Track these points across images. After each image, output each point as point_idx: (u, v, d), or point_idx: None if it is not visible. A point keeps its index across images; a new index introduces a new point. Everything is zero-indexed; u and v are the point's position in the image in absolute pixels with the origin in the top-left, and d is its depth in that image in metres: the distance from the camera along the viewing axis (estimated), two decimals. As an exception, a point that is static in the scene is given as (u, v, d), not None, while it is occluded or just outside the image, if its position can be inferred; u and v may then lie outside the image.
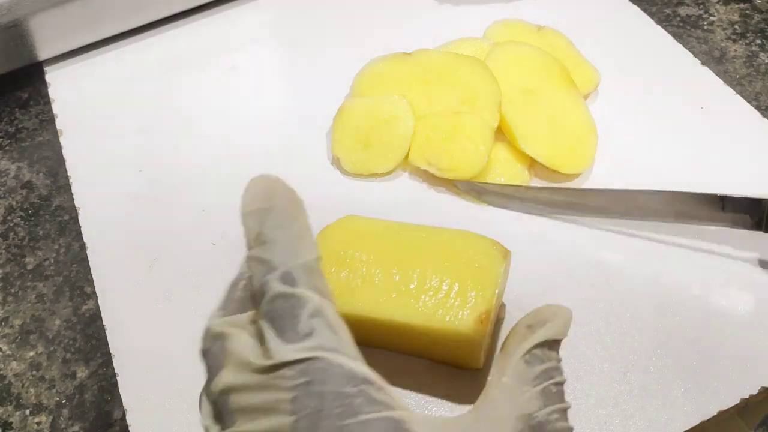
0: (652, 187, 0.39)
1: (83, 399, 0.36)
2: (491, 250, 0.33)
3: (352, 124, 0.44)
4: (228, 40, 0.53)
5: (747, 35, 0.54)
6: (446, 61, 0.46)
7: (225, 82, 0.50)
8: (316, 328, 0.25)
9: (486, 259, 0.33)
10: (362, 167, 0.44)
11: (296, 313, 0.25)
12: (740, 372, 0.35)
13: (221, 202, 0.43)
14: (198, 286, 0.39)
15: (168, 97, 0.49)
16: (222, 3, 0.56)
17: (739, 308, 0.37)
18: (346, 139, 0.44)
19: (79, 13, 0.49)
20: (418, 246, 0.34)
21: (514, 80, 0.45)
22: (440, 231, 0.34)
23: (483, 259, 0.33)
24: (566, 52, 0.48)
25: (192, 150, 0.46)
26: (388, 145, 0.44)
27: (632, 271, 0.39)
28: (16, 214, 0.44)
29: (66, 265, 0.41)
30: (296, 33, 0.54)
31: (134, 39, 0.53)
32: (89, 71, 0.52)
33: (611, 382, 0.34)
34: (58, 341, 0.38)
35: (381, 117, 0.44)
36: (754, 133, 0.45)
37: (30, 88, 0.52)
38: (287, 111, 0.48)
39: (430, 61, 0.46)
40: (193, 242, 0.41)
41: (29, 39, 0.48)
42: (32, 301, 0.40)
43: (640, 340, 0.36)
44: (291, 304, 0.25)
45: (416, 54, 0.47)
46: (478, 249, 0.33)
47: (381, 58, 0.47)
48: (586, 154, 0.44)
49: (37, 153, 0.48)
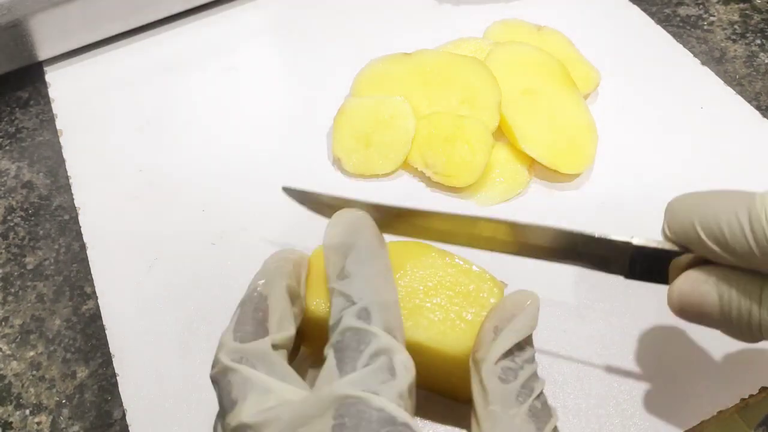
0: (650, 188, 0.39)
1: (83, 399, 0.36)
2: (491, 287, 0.31)
3: (353, 125, 0.44)
4: (228, 40, 0.53)
5: (747, 35, 0.54)
6: (446, 62, 0.46)
7: (225, 82, 0.50)
8: (374, 366, 0.24)
9: (485, 293, 0.31)
10: (363, 168, 0.44)
11: (361, 348, 0.25)
12: (740, 372, 0.35)
13: (221, 202, 0.43)
14: (198, 286, 0.39)
15: (168, 97, 0.49)
16: (222, 3, 0.56)
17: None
18: (347, 139, 0.44)
19: (79, 13, 0.49)
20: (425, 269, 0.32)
21: (514, 80, 0.45)
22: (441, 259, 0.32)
23: (482, 292, 0.31)
24: (566, 52, 0.48)
25: (192, 150, 0.46)
26: (389, 145, 0.44)
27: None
28: (16, 214, 0.44)
29: (66, 265, 0.41)
30: (296, 33, 0.54)
31: (134, 39, 0.53)
32: (89, 71, 0.52)
33: (611, 382, 0.34)
34: (58, 341, 0.38)
35: (382, 117, 0.44)
36: (754, 133, 0.45)
37: (30, 88, 0.52)
38: (287, 111, 0.49)
39: (430, 61, 0.46)
40: (193, 242, 0.41)
41: (29, 39, 0.48)
42: (32, 301, 0.40)
43: (640, 340, 0.36)
44: (358, 339, 0.25)
45: (416, 54, 0.47)
46: (478, 284, 0.31)
47: (381, 58, 0.47)
48: (586, 153, 0.44)
49: (37, 153, 0.48)
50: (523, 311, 0.27)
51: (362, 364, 0.24)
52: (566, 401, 0.34)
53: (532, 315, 0.27)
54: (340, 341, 0.25)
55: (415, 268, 0.32)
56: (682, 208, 0.29)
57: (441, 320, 0.30)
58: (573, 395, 0.34)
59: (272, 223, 0.41)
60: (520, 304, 0.27)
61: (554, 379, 0.34)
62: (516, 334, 0.26)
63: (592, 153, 0.44)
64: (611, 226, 0.40)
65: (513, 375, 0.26)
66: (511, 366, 0.26)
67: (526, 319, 0.27)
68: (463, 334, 0.30)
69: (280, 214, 0.42)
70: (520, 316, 0.27)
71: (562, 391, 0.34)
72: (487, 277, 0.31)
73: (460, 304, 0.31)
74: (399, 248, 0.33)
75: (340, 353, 0.25)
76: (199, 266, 0.40)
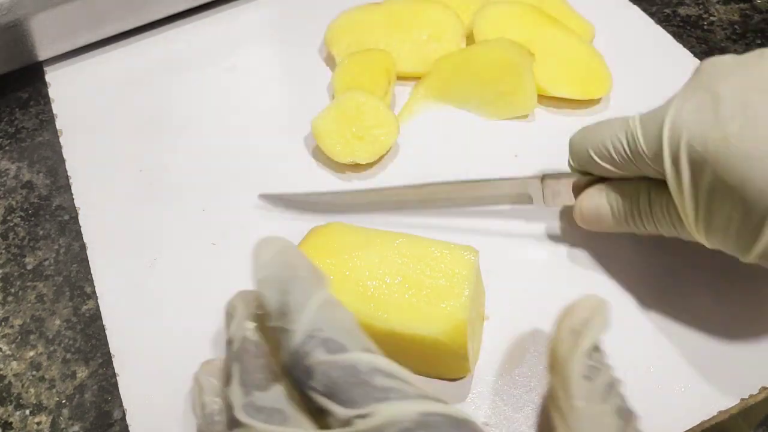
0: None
1: (83, 399, 0.36)
2: (462, 255, 0.33)
3: (337, 118, 0.44)
4: (228, 40, 0.53)
5: (747, 35, 0.54)
6: (412, 7, 0.50)
7: (225, 82, 0.50)
8: (389, 385, 0.23)
9: (458, 265, 0.32)
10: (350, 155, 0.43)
11: (362, 379, 0.23)
12: (740, 372, 0.35)
13: (221, 202, 0.43)
14: (198, 286, 0.39)
15: (168, 97, 0.49)
16: (222, 3, 0.56)
17: (740, 308, 0.37)
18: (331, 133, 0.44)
19: (79, 13, 0.49)
20: (395, 254, 0.33)
21: (512, 32, 0.47)
22: (416, 239, 0.34)
23: (455, 266, 0.32)
24: (558, 9, 0.51)
25: (192, 150, 0.46)
26: (374, 135, 0.44)
27: (632, 270, 0.39)
28: (16, 214, 0.44)
29: (66, 265, 0.41)
30: (296, 33, 0.54)
31: (134, 39, 0.53)
32: (89, 71, 0.52)
33: (611, 382, 0.34)
34: (58, 341, 0.38)
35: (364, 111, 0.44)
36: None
37: (30, 88, 0.52)
38: (287, 111, 0.48)
39: (398, 8, 0.50)
40: (193, 242, 0.41)
41: (29, 39, 0.48)
42: (32, 301, 0.40)
43: (640, 340, 0.36)
44: (350, 372, 0.23)
45: (385, 3, 0.51)
46: (451, 256, 0.33)
47: (352, 8, 0.51)
48: (602, 78, 0.47)
49: (37, 153, 0.48)
50: (599, 314, 0.29)
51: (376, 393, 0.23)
52: (566, 401, 0.34)
53: (606, 317, 0.29)
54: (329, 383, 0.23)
55: (374, 256, 0.33)
56: (578, 139, 0.37)
57: (419, 302, 0.32)
58: (573, 395, 0.34)
59: (272, 223, 0.41)
60: (591, 307, 0.29)
61: (554, 379, 0.34)
62: (596, 334, 0.28)
63: (608, 78, 0.47)
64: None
65: (596, 373, 0.27)
66: (594, 365, 0.27)
67: (603, 322, 0.28)
68: (443, 310, 0.31)
69: (280, 214, 0.42)
70: (596, 319, 0.28)
71: (562, 391, 0.34)
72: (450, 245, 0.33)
73: (432, 276, 0.32)
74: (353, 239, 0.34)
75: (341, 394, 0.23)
76: (199, 266, 0.40)
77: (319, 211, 0.42)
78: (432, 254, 0.33)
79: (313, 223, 0.37)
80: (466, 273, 0.32)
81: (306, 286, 0.25)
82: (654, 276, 0.38)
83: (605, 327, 0.29)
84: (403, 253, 0.33)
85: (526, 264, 0.39)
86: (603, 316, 0.29)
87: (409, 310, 0.32)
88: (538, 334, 0.36)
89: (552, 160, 0.40)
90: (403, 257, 0.33)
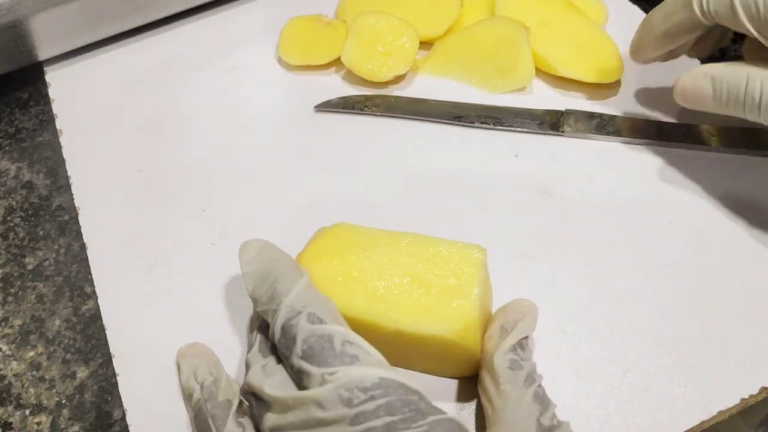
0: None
1: (83, 399, 0.36)
2: (471, 254, 0.33)
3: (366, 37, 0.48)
4: (228, 40, 0.53)
5: (747, 35, 0.53)
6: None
7: (225, 82, 0.50)
8: (357, 353, 0.28)
9: (467, 264, 0.32)
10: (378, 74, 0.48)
11: (335, 346, 0.28)
12: (740, 372, 0.35)
13: (221, 202, 0.43)
14: (198, 286, 0.39)
15: (168, 97, 0.49)
16: (222, 3, 0.56)
17: (740, 308, 0.37)
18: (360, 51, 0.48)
19: (79, 13, 0.49)
20: (403, 254, 0.33)
21: (528, 16, 0.49)
22: (423, 239, 0.34)
23: (464, 264, 0.32)
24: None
25: (192, 150, 0.46)
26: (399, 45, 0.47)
27: (632, 270, 0.39)
28: (16, 215, 0.44)
29: (66, 265, 0.41)
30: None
31: (134, 39, 0.53)
32: (89, 71, 0.52)
33: (611, 382, 0.34)
34: (58, 341, 0.38)
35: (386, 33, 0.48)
36: (754, 133, 0.45)
37: (30, 88, 0.52)
38: (287, 111, 0.49)
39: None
40: (193, 242, 0.41)
41: (29, 39, 0.48)
42: (32, 301, 0.40)
43: (640, 340, 0.36)
44: (326, 339, 0.28)
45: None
46: (459, 254, 0.33)
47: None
48: (615, 62, 0.48)
49: (37, 153, 0.48)
50: (526, 316, 0.32)
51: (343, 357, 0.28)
52: (566, 401, 0.34)
53: (533, 319, 0.33)
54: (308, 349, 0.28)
55: (382, 257, 0.33)
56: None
57: (427, 300, 0.32)
58: (573, 395, 0.34)
59: (272, 223, 0.41)
60: (522, 309, 0.33)
61: (554, 379, 0.34)
62: (522, 333, 0.32)
63: (619, 61, 0.47)
64: (611, 226, 0.40)
65: (519, 365, 0.30)
66: (517, 359, 0.31)
67: (529, 324, 0.32)
68: (454, 309, 0.32)
69: (280, 214, 0.42)
70: (524, 320, 0.32)
71: (562, 391, 0.34)
72: (458, 244, 0.33)
73: (441, 275, 0.32)
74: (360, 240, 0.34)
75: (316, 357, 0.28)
76: (199, 266, 0.40)
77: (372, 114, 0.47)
78: (440, 253, 0.33)
79: (314, 221, 0.37)
80: (475, 271, 0.32)
81: (291, 275, 0.31)
82: (654, 275, 0.38)
83: (532, 328, 0.32)
84: (411, 252, 0.33)
85: (533, 262, 0.39)
86: (531, 318, 0.32)
87: (419, 310, 0.31)
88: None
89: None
90: (411, 257, 0.33)
